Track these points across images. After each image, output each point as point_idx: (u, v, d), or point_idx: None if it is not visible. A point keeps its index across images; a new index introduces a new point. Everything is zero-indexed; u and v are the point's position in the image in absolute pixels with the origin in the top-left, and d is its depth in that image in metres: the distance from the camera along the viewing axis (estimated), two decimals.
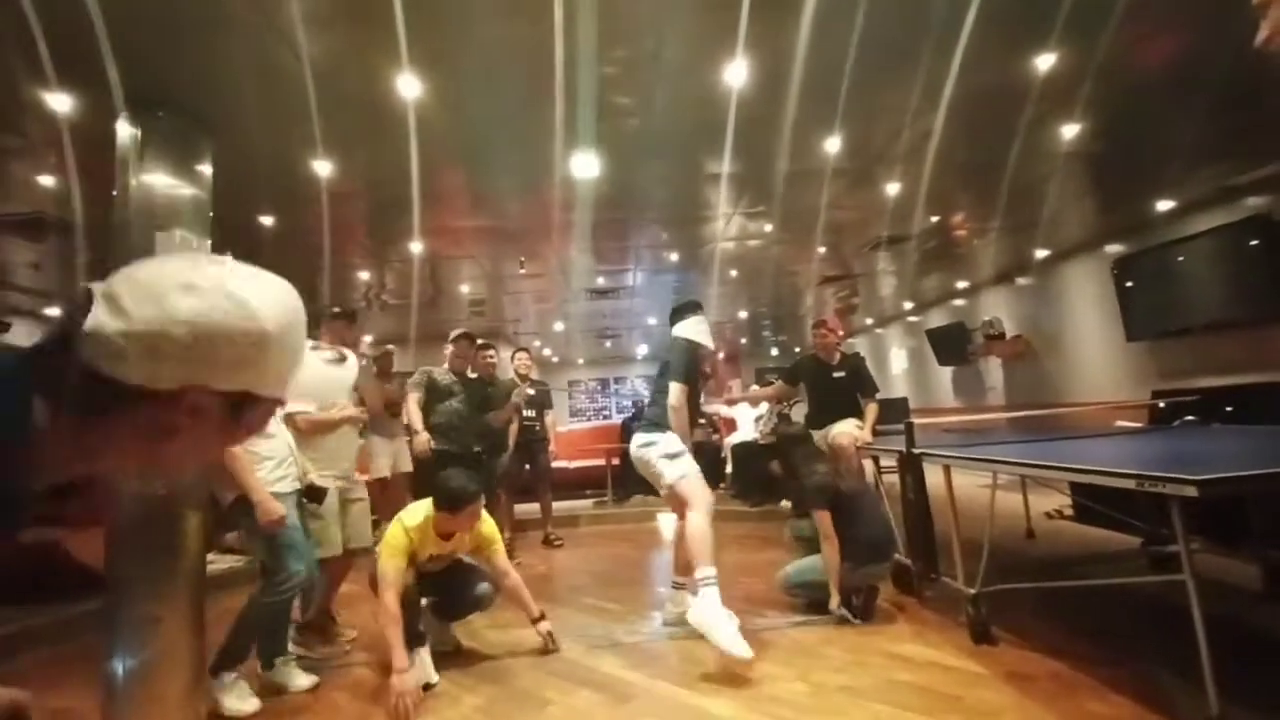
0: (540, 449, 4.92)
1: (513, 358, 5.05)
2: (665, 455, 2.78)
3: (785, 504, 5.16)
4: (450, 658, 2.70)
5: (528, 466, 4.87)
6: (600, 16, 2.40)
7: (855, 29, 2.56)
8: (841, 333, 4.28)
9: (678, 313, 3.15)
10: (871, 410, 3.90)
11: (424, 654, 2.49)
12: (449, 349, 4.22)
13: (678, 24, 2.57)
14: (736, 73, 2.84)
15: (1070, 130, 3.67)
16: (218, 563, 4.16)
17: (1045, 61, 2.97)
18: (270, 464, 2.42)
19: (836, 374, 4.04)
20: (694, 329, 3.03)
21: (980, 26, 2.61)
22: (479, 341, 4.47)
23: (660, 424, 2.86)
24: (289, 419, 2.60)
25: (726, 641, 2.34)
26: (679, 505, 2.76)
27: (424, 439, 3.83)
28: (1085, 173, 4.55)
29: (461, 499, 2.46)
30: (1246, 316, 4.84)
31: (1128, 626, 2.57)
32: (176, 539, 2.27)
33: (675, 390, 2.84)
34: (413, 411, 3.93)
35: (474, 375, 4.34)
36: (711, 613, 2.42)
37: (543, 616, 2.75)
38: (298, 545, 2.42)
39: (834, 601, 2.80)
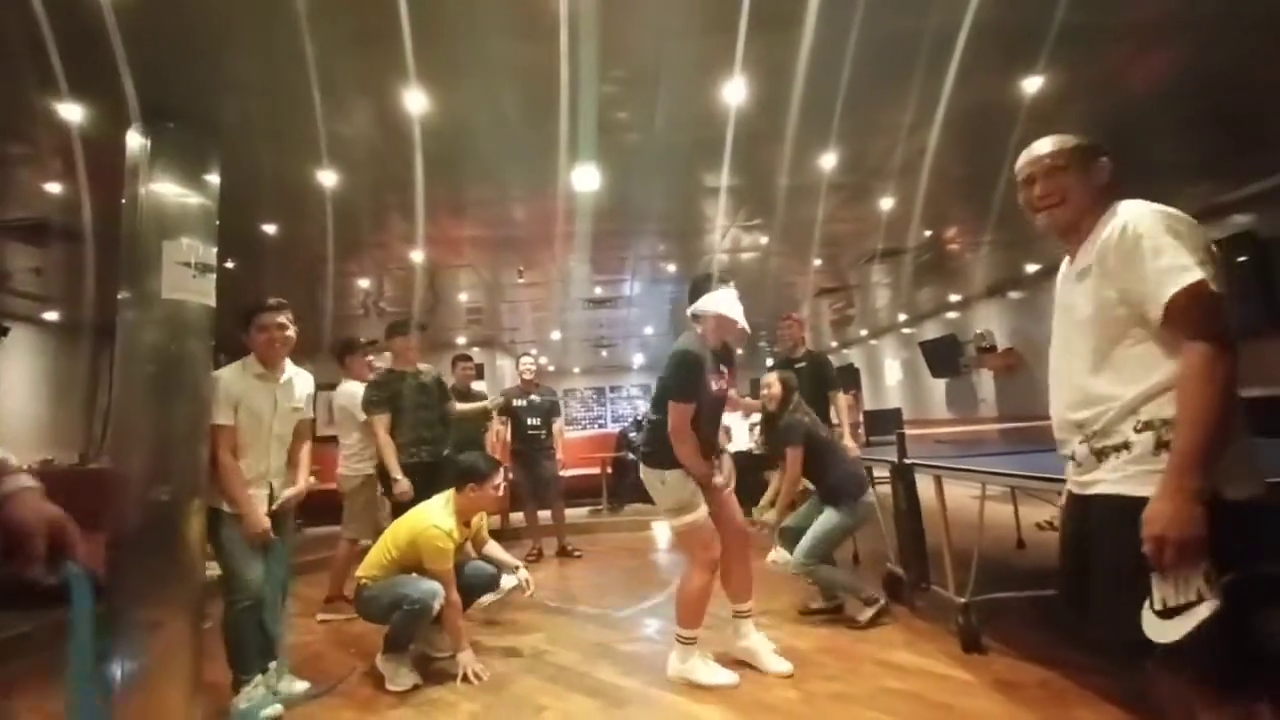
0: (544, 457, 4.80)
1: (517, 363, 5.05)
2: (670, 509, 2.42)
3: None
4: (446, 665, 2.72)
5: (533, 475, 4.77)
6: (603, 37, 2.47)
7: (849, 49, 2.64)
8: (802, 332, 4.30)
9: (699, 287, 2.46)
10: (840, 402, 3.93)
11: (406, 660, 2.59)
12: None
13: (678, 44, 2.64)
14: (735, 91, 2.92)
15: None
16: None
17: (1036, 81, 3.06)
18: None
19: (798, 365, 4.05)
20: (719, 301, 2.38)
21: (973, 47, 2.69)
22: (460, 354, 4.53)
23: (657, 455, 2.39)
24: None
25: (711, 680, 2.36)
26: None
27: (406, 486, 3.21)
28: None
29: (487, 470, 2.69)
30: (1235, 331, 4.92)
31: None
32: (176, 543, 2.29)
33: (673, 412, 2.30)
34: (384, 448, 3.28)
35: (423, 373, 3.58)
36: (686, 665, 2.42)
37: (519, 566, 2.88)
38: (254, 559, 2.35)
39: (859, 610, 2.92)
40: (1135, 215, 1.24)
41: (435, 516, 2.63)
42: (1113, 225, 1.26)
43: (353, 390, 3.71)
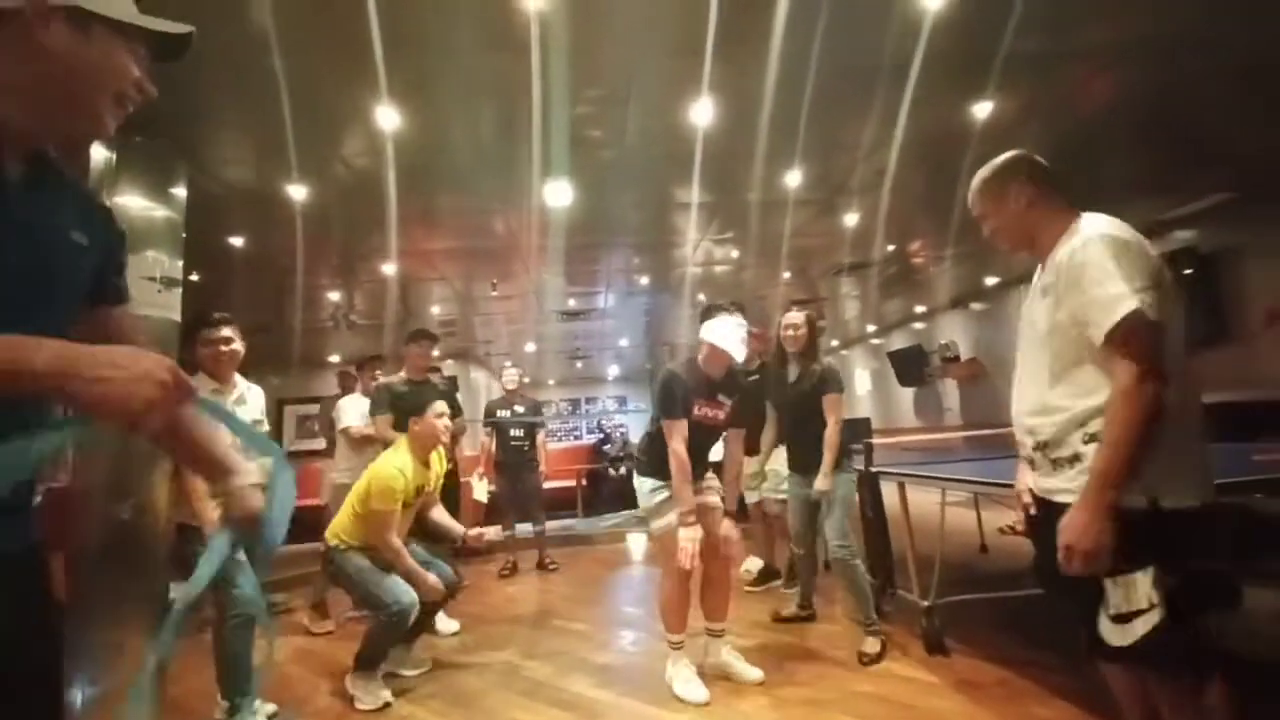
0: (529, 469, 4.77)
1: (500, 375, 5.02)
2: (644, 512, 2.53)
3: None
4: (418, 680, 2.70)
5: (516, 487, 4.73)
6: (575, 57, 2.54)
7: (810, 74, 2.75)
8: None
9: (705, 314, 2.60)
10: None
11: (377, 676, 2.54)
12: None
13: (647, 66, 2.72)
14: (702, 112, 3.01)
15: None
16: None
17: (990, 104, 3.21)
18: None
19: (751, 376, 3.54)
20: (711, 331, 2.44)
21: (929, 70, 2.82)
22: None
23: (639, 462, 2.59)
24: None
25: (683, 693, 2.37)
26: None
27: None
28: None
29: (424, 400, 2.74)
30: (1170, 359, 5.16)
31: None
32: (138, 563, 2.24)
33: (665, 429, 2.40)
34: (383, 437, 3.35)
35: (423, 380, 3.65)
36: (671, 671, 2.46)
37: (465, 533, 2.91)
38: (245, 569, 2.26)
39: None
40: (1087, 238, 1.28)
41: (392, 457, 2.67)
42: (1068, 247, 1.31)
43: (344, 403, 3.78)
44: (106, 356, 0.63)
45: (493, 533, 2.85)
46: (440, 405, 2.78)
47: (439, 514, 2.93)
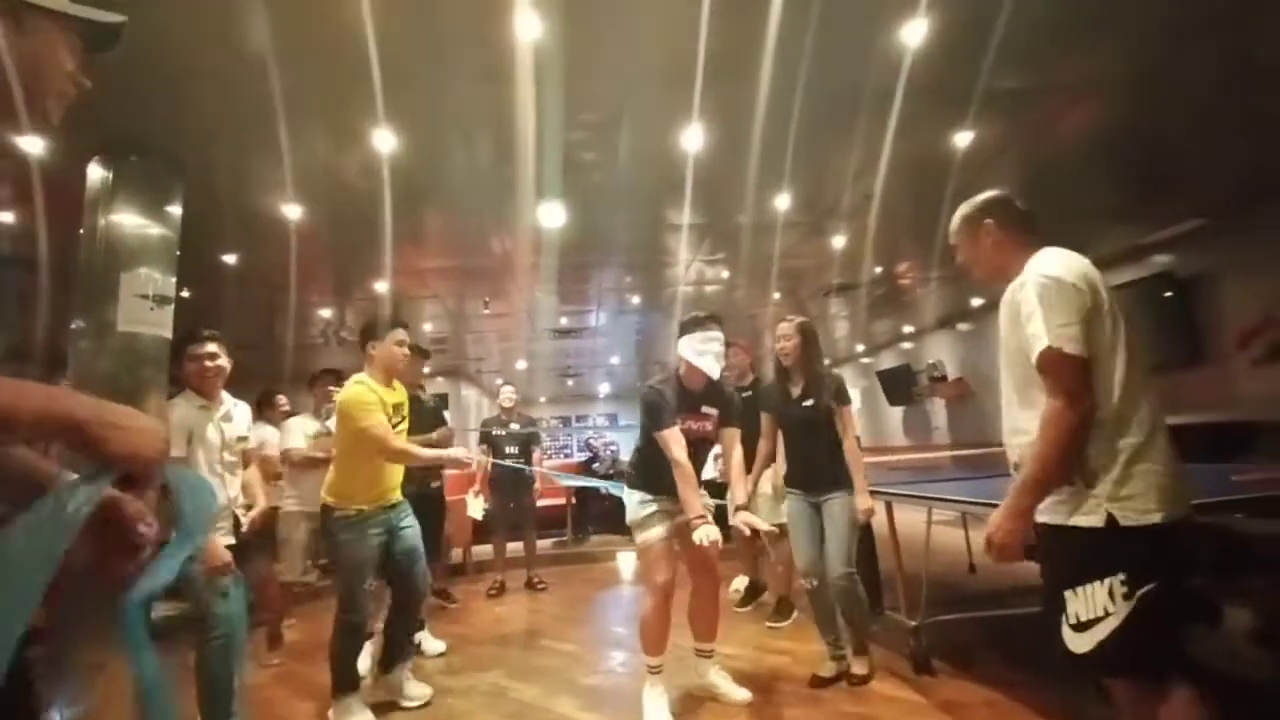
0: (525, 487, 4.78)
1: (497, 393, 5.01)
2: (632, 520, 2.49)
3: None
4: (410, 716, 2.65)
5: (511, 505, 4.71)
6: (568, 84, 2.60)
7: (797, 102, 2.83)
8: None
9: (681, 329, 2.50)
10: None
11: (358, 698, 2.50)
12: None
13: (639, 93, 2.79)
14: (693, 137, 3.08)
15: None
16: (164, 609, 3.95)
17: (973, 132, 3.31)
18: None
19: (745, 393, 3.34)
20: (685, 346, 2.43)
21: (913, 100, 2.91)
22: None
23: (629, 475, 2.60)
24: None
25: None
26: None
27: None
28: None
29: (379, 324, 2.63)
30: (1161, 362, 5.26)
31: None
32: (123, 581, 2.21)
33: (660, 442, 2.34)
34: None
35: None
36: (646, 695, 2.40)
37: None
38: (229, 590, 2.26)
39: None
40: (1023, 280, 1.42)
41: (351, 381, 2.57)
42: (1014, 285, 1.45)
43: (290, 423, 3.57)
44: (120, 408, 0.67)
45: (462, 453, 2.71)
46: (400, 333, 2.67)
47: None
